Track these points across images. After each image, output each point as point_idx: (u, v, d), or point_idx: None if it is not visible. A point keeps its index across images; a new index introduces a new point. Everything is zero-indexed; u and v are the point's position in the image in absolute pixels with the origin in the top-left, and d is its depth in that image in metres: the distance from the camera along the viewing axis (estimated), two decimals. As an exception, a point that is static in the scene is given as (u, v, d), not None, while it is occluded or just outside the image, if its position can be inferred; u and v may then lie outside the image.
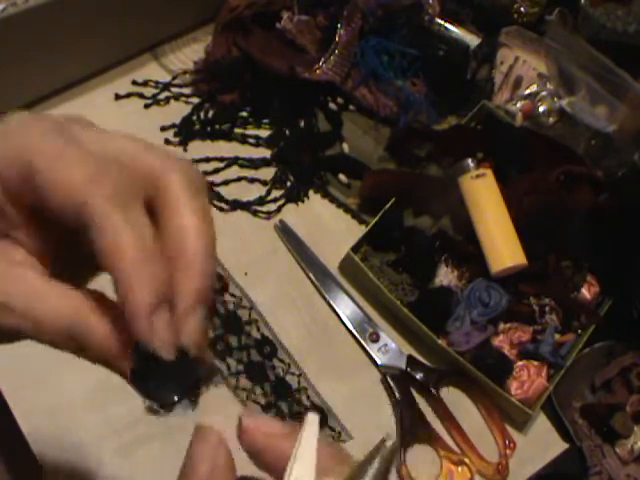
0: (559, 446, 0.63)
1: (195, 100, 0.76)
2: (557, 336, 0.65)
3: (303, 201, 0.73)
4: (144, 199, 0.28)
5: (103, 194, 0.25)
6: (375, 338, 0.65)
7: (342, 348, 0.65)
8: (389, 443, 0.25)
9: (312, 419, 0.27)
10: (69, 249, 0.29)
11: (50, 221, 0.27)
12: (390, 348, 0.65)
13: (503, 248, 0.65)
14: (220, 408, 0.61)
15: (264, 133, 0.75)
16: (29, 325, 0.27)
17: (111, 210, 0.25)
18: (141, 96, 0.75)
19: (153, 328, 0.25)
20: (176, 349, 0.26)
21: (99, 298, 0.28)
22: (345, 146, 0.75)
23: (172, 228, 0.27)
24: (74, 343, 0.28)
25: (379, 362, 0.64)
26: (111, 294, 0.27)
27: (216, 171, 0.72)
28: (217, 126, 0.75)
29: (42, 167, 0.26)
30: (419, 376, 0.63)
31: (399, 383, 0.63)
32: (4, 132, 0.27)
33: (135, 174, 0.27)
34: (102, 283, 0.29)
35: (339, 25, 0.75)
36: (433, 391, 0.63)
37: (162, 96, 0.76)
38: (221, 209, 0.70)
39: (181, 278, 0.27)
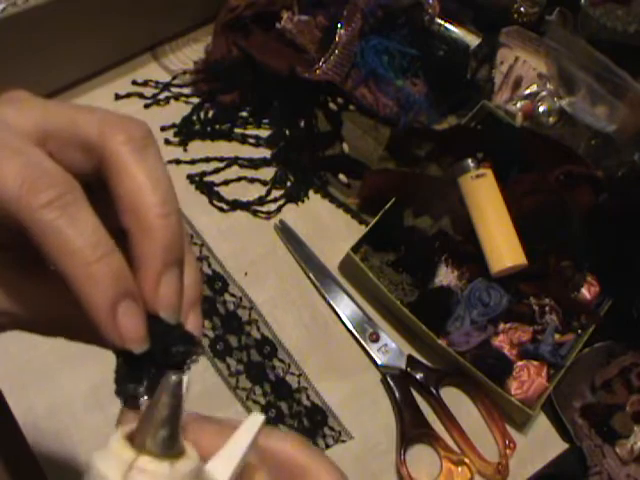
0: (559, 446, 0.63)
1: (195, 100, 0.76)
2: (557, 336, 0.65)
3: (303, 201, 0.73)
4: (91, 172, 0.26)
5: (40, 203, 0.23)
6: (375, 338, 0.65)
7: (342, 348, 0.65)
8: (173, 378, 0.22)
9: (253, 420, 0.25)
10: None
11: None
12: (390, 348, 0.65)
13: (503, 248, 0.65)
14: (221, 408, 0.61)
15: (264, 133, 0.75)
16: (10, 321, 0.26)
17: (52, 219, 0.23)
18: (141, 96, 0.75)
19: (118, 326, 0.24)
20: (146, 340, 0.25)
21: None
22: (345, 146, 0.75)
23: (124, 194, 0.25)
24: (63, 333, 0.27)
25: (379, 362, 0.64)
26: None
27: (216, 171, 0.72)
28: (217, 126, 0.75)
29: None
30: (419, 376, 0.63)
31: (399, 383, 0.63)
32: None
33: (74, 154, 0.26)
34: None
35: (339, 25, 0.75)
36: (433, 391, 0.63)
37: (162, 96, 0.76)
38: (221, 209, 0.70)
39: (143, 243, 0.25)
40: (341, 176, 0.74)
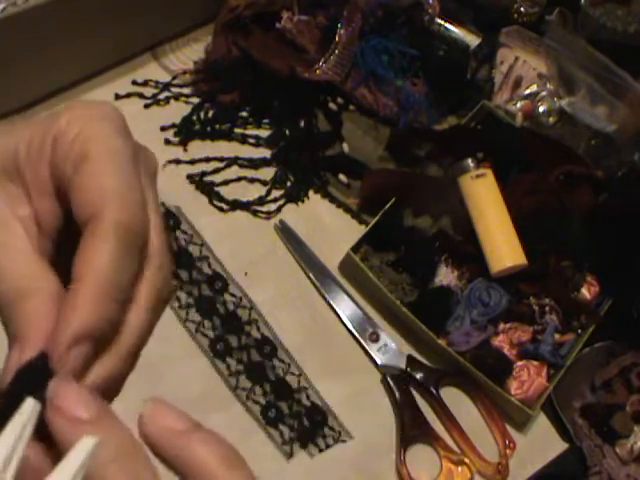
0: (559, 446, 0.63)
1: (195, 100, 0.76)
2: (557, 336, 0.65)
3: (303, 201, 0.73)
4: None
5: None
6: (375, 338, 0.65)
7: (342, 348, 0.65)
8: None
9: (83, 443, 0.23)
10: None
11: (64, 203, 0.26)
12: (390, 348, 0.65)
13: (503, 248, 0.65)
14: (221, 408, 0.61)
15: (264, 133, 0.75)
16: None
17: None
18: (141, 96, 0.75)
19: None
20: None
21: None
22: (345, 146, 0.75)
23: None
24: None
25: (379, 362, 0.64)
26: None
27: (216, 171, 0.72)
28: (217, 126, 0.75)
29: (93, 157, 0.25)
30: (419, 376, 0.63)
31: (399, 383, 0.63)
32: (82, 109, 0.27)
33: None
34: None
35: (339, 25, 0.75)
36: (433, 391, 0.63)
37: (162, 96, 0.76)
38: (221, 209, 0.70)
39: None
40: (341, 176, 0.74)
